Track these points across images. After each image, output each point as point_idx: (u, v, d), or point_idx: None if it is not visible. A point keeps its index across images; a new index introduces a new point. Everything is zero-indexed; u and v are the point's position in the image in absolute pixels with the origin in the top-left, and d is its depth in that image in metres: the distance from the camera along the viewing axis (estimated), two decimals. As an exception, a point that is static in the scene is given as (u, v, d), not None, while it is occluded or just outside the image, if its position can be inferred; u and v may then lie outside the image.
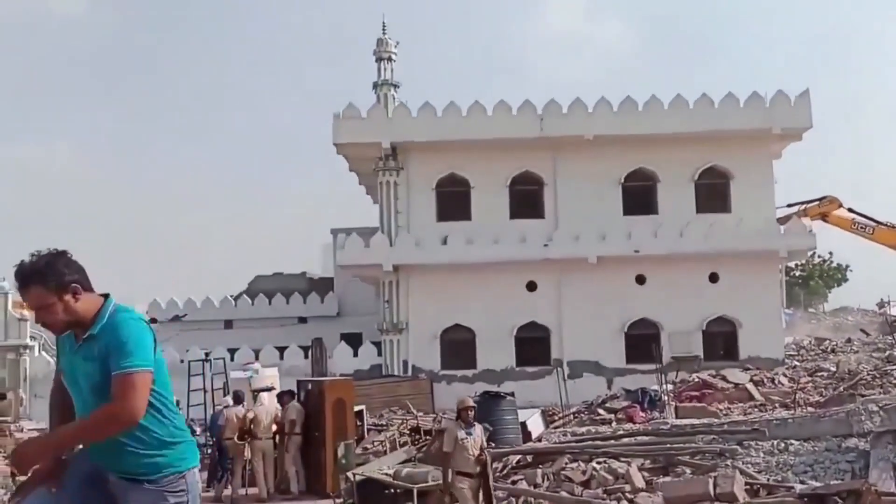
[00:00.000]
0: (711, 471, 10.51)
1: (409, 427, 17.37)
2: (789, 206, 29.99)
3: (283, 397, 14.51)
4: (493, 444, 13.28)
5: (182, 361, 24.85)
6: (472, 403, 9.66)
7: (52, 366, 28.00)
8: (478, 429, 9.42)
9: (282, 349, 27.53)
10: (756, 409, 17.36)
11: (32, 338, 28.44)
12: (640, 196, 27.69)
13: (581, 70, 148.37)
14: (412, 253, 26.80)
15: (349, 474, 12.64)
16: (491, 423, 13.39)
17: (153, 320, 36.00)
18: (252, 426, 13.62)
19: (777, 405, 17.78)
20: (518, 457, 12.96)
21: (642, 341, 25.66)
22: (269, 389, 16.15)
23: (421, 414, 19.46)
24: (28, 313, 28.95)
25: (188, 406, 17.20)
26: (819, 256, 58.66)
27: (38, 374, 27.72)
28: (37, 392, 27.14)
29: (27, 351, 27.76)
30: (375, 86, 29.64)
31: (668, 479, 10.82)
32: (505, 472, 12.54)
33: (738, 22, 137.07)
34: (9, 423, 10.55)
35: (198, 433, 16.96)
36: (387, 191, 27.68)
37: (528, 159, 27.62)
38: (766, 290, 27.17)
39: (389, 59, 29.70)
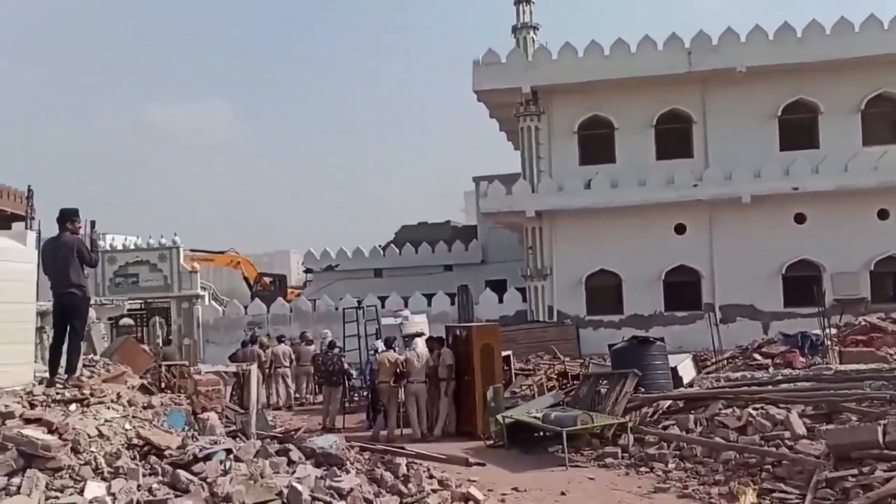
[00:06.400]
0: (881, 418, 9.93)
1: (556, 372, 17.47)
2: None
3: (433, 343, 14.96)
4: (643, 390, 13.16)
5: (336, 309, 26.15)
6: None
7: (221, 314, 30.26)
8: None
9: (429, 296, 28.19)
10: (932, 355, 16.11)
11: (203, 288, 30.66)
12: (798, 129, 25.93)
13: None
14: (555, 198, 26.50)
15: (499, 417, 12.97)
16: (641, 369, 13.26)
17: (308, 270, 37.96)
18: (405, 369, 14.19)
19: (957, 350, 16.42)
20: (669, 402, 12.78)
21: (802, 283, 24.32)
22: (419, 335, 16.67)
23: (567, 359, 19.46)
24: (197, 266, 31.28)
25: (344, 350, 18.07)
26: None
27: (210, 321, 29.95)
28: (209, 338, 29.42)
29: (199, 300, 29.94)
30: (514, 29, 29.18)
31: (832, 426, 10.34)
32: (656, 417, 12.43)
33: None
34: (188, 366, 11.59)
35: (354, 376, 17.82)
36: (528, 136, 27.39)
37: (675, 96, 26.48)
38: (945, 226, 24.93)
39: (528, 1, 29.12)
